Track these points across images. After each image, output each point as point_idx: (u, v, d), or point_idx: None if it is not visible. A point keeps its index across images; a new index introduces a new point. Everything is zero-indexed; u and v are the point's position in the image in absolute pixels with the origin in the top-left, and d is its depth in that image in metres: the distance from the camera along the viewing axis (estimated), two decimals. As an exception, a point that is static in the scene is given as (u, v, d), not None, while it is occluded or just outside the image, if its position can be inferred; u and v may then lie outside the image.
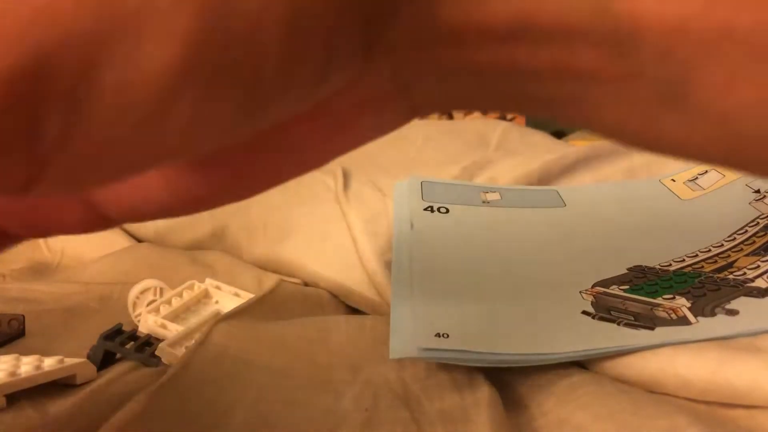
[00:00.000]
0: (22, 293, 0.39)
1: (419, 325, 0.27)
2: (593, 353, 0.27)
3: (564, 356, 0.27)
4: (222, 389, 0.27)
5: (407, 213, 0.38)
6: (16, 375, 0.26)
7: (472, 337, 0.27)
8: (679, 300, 0.29)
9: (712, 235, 0.35)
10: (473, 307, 0.29)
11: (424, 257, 0.33)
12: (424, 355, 0.26)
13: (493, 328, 0.28)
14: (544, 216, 0.39)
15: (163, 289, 0.37)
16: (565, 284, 0.31)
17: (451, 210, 0.39)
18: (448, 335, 0.27)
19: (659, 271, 0.32)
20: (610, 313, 0.29)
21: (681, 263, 0.33)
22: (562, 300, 0.30)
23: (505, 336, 0.27)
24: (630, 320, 0.28)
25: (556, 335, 0.28)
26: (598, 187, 0.44)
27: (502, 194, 0.42)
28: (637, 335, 0.27)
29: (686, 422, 0.23)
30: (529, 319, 0.29)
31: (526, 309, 0.29)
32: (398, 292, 0.31)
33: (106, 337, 0.31)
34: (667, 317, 0.28)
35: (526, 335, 0.28)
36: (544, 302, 0.30)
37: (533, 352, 0.27)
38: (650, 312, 0.29)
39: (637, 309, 0.29)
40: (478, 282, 0.32)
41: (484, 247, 0.35)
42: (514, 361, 0.27)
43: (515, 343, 0.27)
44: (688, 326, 0.28)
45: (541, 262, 0.34)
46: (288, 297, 0.38)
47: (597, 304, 0.30)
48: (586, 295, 0.30)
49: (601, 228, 0.37)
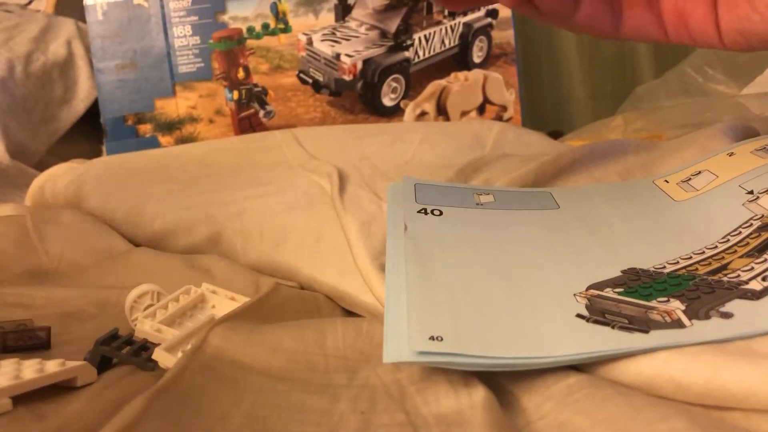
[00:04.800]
0: (19, 298, 0.39)
1: (413, 329, 0.27)
2: (589, 357, 0.27)
3: (559, 360, 0.27)
4: (218, 393, 0.27)
5: (401, 215, 0.38)
6: (20, 378, 0.27)
7: (466, 340, 0.27)
8: (673, 303, 0.29)
9: (705, 237, 0.34)
10: (467, 310, 0.29)
11: (417, 260, 0.33)
12: (418, 359, 0.26)
13: (487, 332, 0.28)
14: (538, 218, 0.39)
15: (160, 294, 0.37)
16: (559, 287, 0.31)
17: (445, 212, 0.39)
18: (442, 338, 0.27)
19: (653, 274, 0.32)
20: (605, 316, 0.29)
21: (675, 265, 0.33)
22: (556, 303, 0.30)
23: (499, 339, 0.27)
24: (624, 323, 0.28)
25: (551, 339, 0.28)
26: (591, 189, 0.44)
27: (496, 196, 0.42)
28: (631, 338, 0.27)
29: (684, 425, 0.23)
30: (524, 323, 0.29)
31: (521, 312, 0.29)
32: (392, 295, 0.31)
33: (102, 342, 0.31)
34: (662, 320, 0.28)
35: (521, 339, 0.28)
36: (538, 305, 0.30)
37: (528, 355, 0.27)
38: (645, 315, 0.29)
39: (631, 312, 0.29)
40: (472, 285, 0.32)
41: (477, 250, 0.35)
42: (509, 366, 0.27)
43: (509, 346, 0.27)
44: (682, 329, 0.28)
45: (535, 264, 0.34)
46: (284, 300, 0.38)
47: (591, 307, 0.29)
48: (581, 298, 0.30)
49: (595, 230, 0.37)
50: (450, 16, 0.75)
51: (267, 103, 0.73)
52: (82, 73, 0.80)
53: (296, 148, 0.60)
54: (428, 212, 0.39)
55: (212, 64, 0.72)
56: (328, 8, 0.74)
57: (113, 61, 0.72)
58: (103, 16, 0.72)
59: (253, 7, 0.73)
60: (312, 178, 0.52)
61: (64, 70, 0.79)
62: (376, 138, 0.60)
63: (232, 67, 0.73)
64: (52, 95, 0.78)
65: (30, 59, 0.76)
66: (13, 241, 0.47)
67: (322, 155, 0.57)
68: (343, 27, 0.74)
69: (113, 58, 0.72)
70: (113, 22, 0.72)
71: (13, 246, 0.47)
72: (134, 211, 0.51)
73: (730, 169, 0.39)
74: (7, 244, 0.47)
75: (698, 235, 0.35)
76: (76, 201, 0.55)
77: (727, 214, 0.35)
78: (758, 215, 0.34)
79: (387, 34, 0.74)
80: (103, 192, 0.54)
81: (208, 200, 0.50)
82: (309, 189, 0.50)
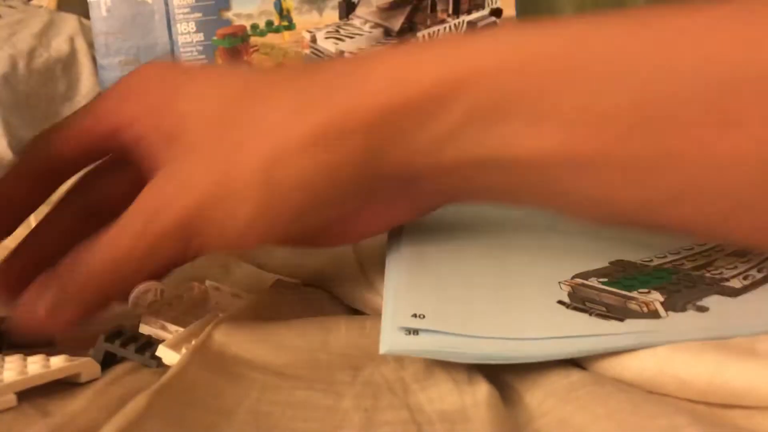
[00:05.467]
0: (22, 294, 0.39)
1: (398, 306, 0.29)
2: (570, 347, 0.27)
3: (539, 346, 0.27)
4: (222, 389, 0.27)
5: None
6: (25, 373, 0.27)
7: (446, 318, 0.28)
8: (653, 294, 0.30)
9: None
10: (452, 292, 0.30)
11: (412, 249, 0.34)
12: (401, 342, 0.27)
13: (469, 312, 0.29)
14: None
15: (163, 291, 0.37)
16: (545, 274, 0.32)
17: None
18: (424, 316, 0.27)
19: (639, 267, 0.33)
20: (585, 304, 0.30)
21: (662, 260, 0.34)
22: (540, 289, 0.31)
23: (479, 319, 0.28)
24: (602, 311, 0.29)
25: (529, 321, 0.28)
26: None
27: None
28: (605, 326, 0.28)
29: (686, 422, 0.23)
30: (506, 306, 0.29)
31: (504, 296, 0.30)
32: (389, 284, 0.31)
33: (107, 339, 0.31)
34: (639, 310, 0.29)
35: (500, 320, 0.28)
36: (522, 290, 0.31)
37: (504, 336, 0.27)
38: (623, 304, 0.29)
39: (610, 301, 0.30)
40: (460, 268, 0.33)
41: (470, 235, 0.36)
42: (493, 355, 0.27)
43: (488, 326, 0.28)
44: (656, 320, 0.28)
45: (525, 251, 0.35)
46: (288, 297, 0.38)
47: (573, 295, 0.30)
48: (565, 285, 0.31)
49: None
50: (454, 15, 0.75)
51: (270, 101, 0.73)
52: (85, 70, 0.80)
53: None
54: None
55: (216, 61, 0.73)
56: (332, 6, 0.74)
57: (117, 57, 0.72)
58: (107, 13, 0.72)
59: (257, 4, 0.73)
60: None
61: (67, 66, 0.79)
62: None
63: (235, 64, 0.73)
64: (55, 92, 0.78)
65: (33, 55, 0.76)
66: (16, 237, 0.47)
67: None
68: (347, 25, 0.74)
69: (117, 54, 0.72)
70: (117, 18, 0.72)
71: (16, 242, 0.47)
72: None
73: None
74: (10, 240, 0.47)
75: None
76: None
77: None
78: None
79: (391, 33, 0.74)
80: (106, 188, 0.54)
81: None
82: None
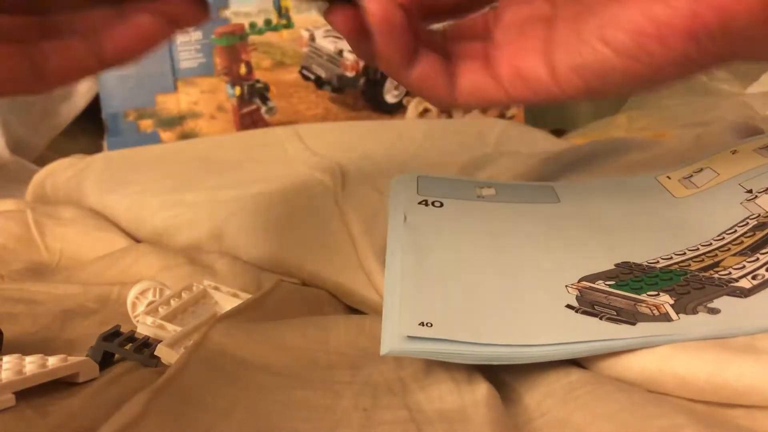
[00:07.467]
0: (20, 294, 0.39)
1: (404, 314, 0.28)
2: (575, 348, 0.27)
3: (546, 351, 0.27)
4: (220, 389, 0.27)
5: (401, 206, 0.38)
6: (22, 373, 0.27)
7: (455, 327, 0.27)
8: (663, 297, 0.30)
9: (702, 234, 0.35)
10: (458, 298, 0.30)
11: (414, 249, 0.34)
12: (408, 347, 0.26)
13: (477, 319, 0.28)
14: (537, 211, 0.39)
15: (162, 290, 0.37)
16: (551, 278, 0.32)
17: (446, 204, 0.39)
18: (431, 324, 0.27)
19: (646, 268, 0.33)
20: (594, 307, 0.29)
21: (669, 261, 0.33)
22: (547, 293, 0.30)
23: (487, 327, 0.28)
24: (612, 315, 0.29)
25: (539, 327, 0.28)
26: (593, 184, 0.44)
27: (498, 189, 0.42)
28: (617, 330, 0.28)
29: (686, 421, 0.23)
30: (513, 312, 0.29)
31: (511, 301, 0.30)
32: (390, 287, 0.31)
33: (105, 338, 0.31)
34: (650, 313, 0.29)
35: (509, 326, 0.28)
36: (529, 295, 0.30)
37: (514, 343, 0.27)
38: (633, 307, 0.29)
39: (620, 304, 0.29)
40: (465, 274, 0.32)
41: (474, 241, 0.35)
42: (497, 356, 0.27)
43: (497, 333, 0.27)
44: (669, 323, 0.28)
45: (530, 255, 0.34)
46: (287, 297, 0.38)
47: (581, 299, 0.30)
48: (572, 289, 0.31)
49: (592, 224, 0.38)
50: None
51: (269, 99, 0.73)
52: (84, 69, 0.80)
53: (298, 145, 0.60)
54: (429, 203, 0.39)
55: (214, 60, 0.72)
56: (331, 4, 0.73)
57: (115, 56, 0.72)
58: (104, 12, 0.71)
59: (256, 2, 0.72)
60: (314, 174, 0.52)
61: (66, 65, 0.79)
62: (379, 135, 0.60)
63: (234, 63, 0.73)
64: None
65: (31, 54, 0.76)
66: (14, 236, 0.47)
67: (325, 152, 0.57)
68: (345, 23, 0.74)
69: (115, 53, 0.72)
70: (115, 17, 0.72)
71: (14, 241, 0.47)
72: (135, 207, 0.51)
73: (732, 166, 0.39)
74: (8, 240, 0.47)
75: (694, 231, 0.35)
76: (76, 196, 0.55)
77: (724, 212, 0.35)
78: (755, 214, 0.34)
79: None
80: (104, 187, 0.54)
81: (209, 196, 0.50)
82: (311, 185, 0.50)
